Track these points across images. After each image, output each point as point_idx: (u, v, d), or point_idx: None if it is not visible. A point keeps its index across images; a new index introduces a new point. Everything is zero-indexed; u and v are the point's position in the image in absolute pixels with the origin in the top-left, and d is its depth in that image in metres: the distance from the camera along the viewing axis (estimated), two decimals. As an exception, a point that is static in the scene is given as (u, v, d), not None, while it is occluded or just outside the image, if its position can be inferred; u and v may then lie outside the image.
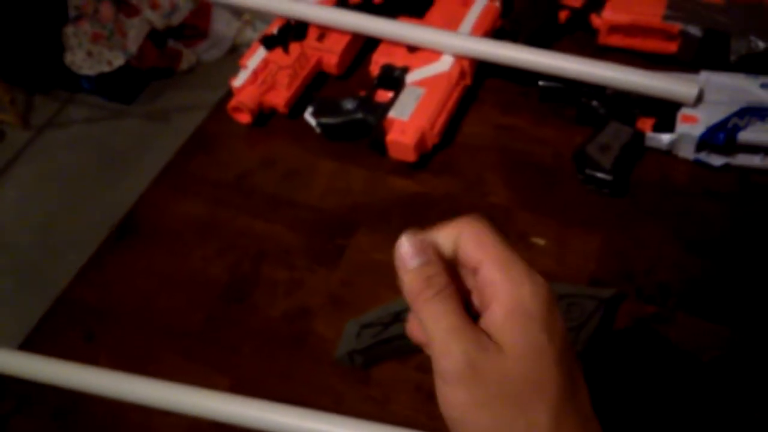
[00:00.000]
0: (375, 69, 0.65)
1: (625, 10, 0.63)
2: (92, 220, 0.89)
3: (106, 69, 1.73)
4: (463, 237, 0.30)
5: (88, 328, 0.54)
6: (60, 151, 1.76)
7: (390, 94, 0.62)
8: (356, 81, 0.67)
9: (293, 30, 0.68)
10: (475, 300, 0.30)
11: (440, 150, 0.60)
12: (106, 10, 1.72)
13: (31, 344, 0.53)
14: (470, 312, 0.29)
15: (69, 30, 1.75)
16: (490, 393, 0.27)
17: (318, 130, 0.62)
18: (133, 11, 1.75)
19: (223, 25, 1.81)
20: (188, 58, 1.83)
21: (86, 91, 1.83)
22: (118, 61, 1.73)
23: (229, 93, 0.66)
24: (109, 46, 1.72)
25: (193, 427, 0.47)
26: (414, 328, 0.31)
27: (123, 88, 1.80)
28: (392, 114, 0.59)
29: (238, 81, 0.65)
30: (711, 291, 0.48)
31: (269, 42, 0.67)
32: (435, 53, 0.63)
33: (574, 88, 0.60)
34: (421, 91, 0.61)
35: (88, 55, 1.74)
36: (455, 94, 0.62)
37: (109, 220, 0.61)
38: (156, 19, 1.76)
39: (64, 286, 0.57)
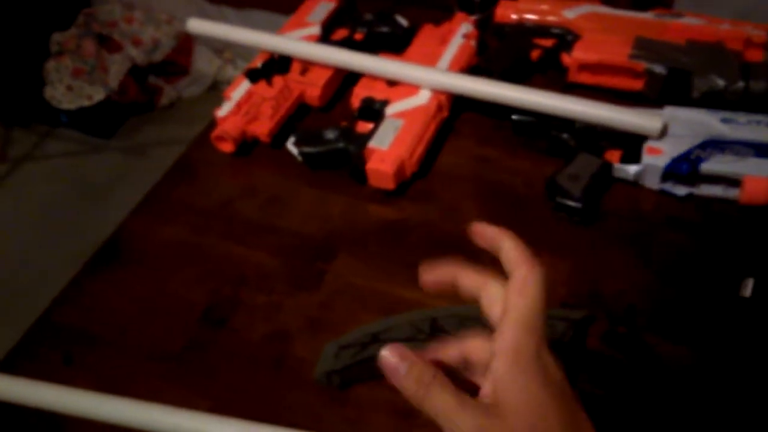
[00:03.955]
0: (356, 101, 0.67)
1: (593, 50, 0.67)
2: (69, 252, 0.89)
3: (86, 103, 1.74)
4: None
5: (67, 352, 0.54)
6: (37, 184, 1.75)
7: (370, 126, 0.64)
8: (338, 113, 0.70)
9: (277, 64, 0.71)
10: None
11: (418, 179, 0.62)
12: (89, 46, 1.74)
13: (9, 367, 0.53)
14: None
15: (50, 65, 1.76)
16: None
17: (300, 159, 0.64)
18: (116, 47, 1.77)
19: (204, 63, 1.84)
20: (169, 94, 1.85)
21: (65, 125, 1.83)
22: (99, 95, 1.74)
23: (213, 124, 0.67)
24: (90, 81, 1.73)
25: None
26: None
27: (102, 122, 1.81)
28: (372, 144, 0.61)
29: (222, 111, 0.67)
30: (674, 313, 0.50)
31: (253, 75, 0.69)
32: (414, 87, 0.66)
33: (545, 122, 0.62)
34: (400, 122, 0.63)
35: (68, 90, 1.75)
36: (433, 126, 0.65)
37: (85, 252, 0.62)
38: (138, 55, 1.78)
39: (42, 310, 0.57)
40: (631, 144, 0.59)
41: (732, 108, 0.60)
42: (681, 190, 0.58)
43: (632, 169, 0.59)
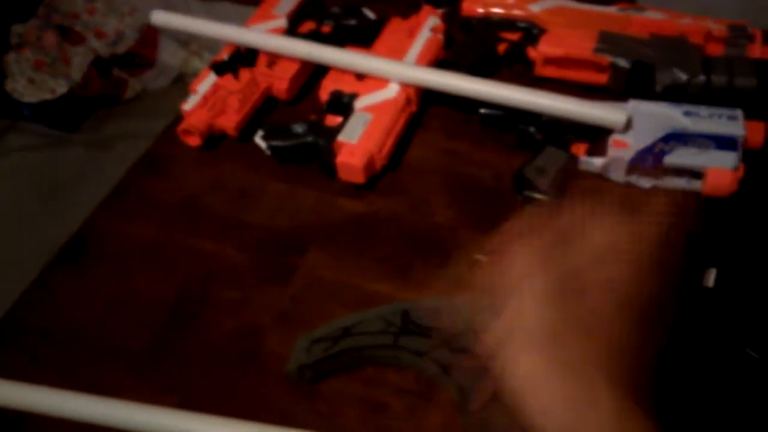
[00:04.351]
0: (324, 95, 0.67)
1: (559, 44, 0.67)
2: (33, 248, 0.87)
3: (48, 97, 1.70)
4: None
5: (33, 350, 0.53)
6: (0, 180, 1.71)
7: (339, 119, 0.64)
8: (306, 106, 0.69)
9: (243, 57, 0.70)
10: None
11: (388, 172, 0.62)
12: (50, 38, 1.70)
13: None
14: None
15: (10, 57, 1.72)
16: None
17: (268, 152, 0.63)
18: (78, 39, 1.73)
19: (169, 55, 1.81)
20: (134, 86, 1.82)
21: (27, 119, 1.79)
22: (62, 88, 1.70)
23: (179, 117, 0.66)
24: (52, 74, 1.69)
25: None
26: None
27: (66, 116, 1.77)
28: (341, 137, 0.61)
29: (189, 105, 0.66)
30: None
31: (219, 68, 0.69)
32: (382, 81, 0.66)
33: (512, 116, 0.63)
34: (369, 116, 0.63)
35: (29, 83, 1.71)
36: (402, 120, 0.65)
37: (49, 248, 0.61)
38: (101, 47, 1.74)
39: (6, 308, 0.56)
40: (597, 137, 0.60)
41: (694, 101, 0.61)
42: (646, 183, 0.59)
43: (598, 161, 0.60)
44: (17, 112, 1.77)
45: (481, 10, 0.72)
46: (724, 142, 0.57)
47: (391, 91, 0.65)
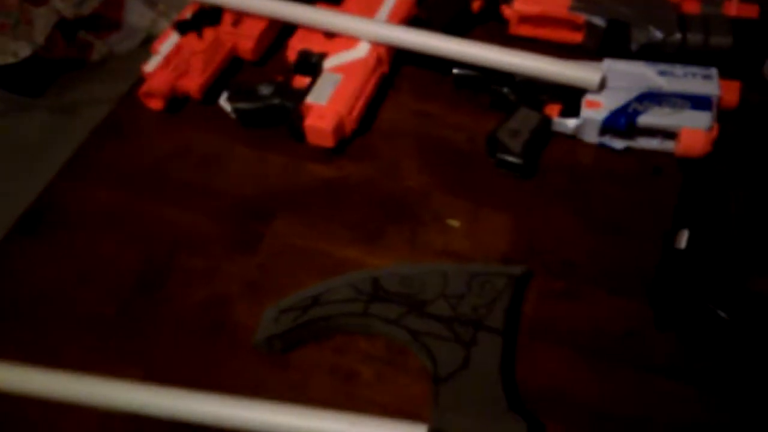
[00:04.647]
0: (292, 55, 0.65)
1: (534, 2, 0.65)
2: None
3: (11, 60, 1.63)
4: None
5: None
6: (-39, 146, 1.65)
7: (307, 80, 0.62)
8: (273, 67, 0.67)
9: (207, 15, 0.67)
10: None
11: (358, 136, 0.61)
12: (10, -2, 1.63)
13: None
14: None
15: (-31, 19, 1.65)
16: None
17: (234, 116, 0.61)
18: (41, 0, 1.67)
19: (136, 16, 1.75)
20: (100, 49, 1.76)
21: (-10, 84, 1.73)
22: (24, 51, 1.64)
23: (141, 80, 0.64)
24: (14, 37, 1.63)
25: (104, 423, 0.45)
26: None
27: (30, 80, 1.71)
28: (310, 99, 0.59)
29: (150, 66, 0.63)
30: (613, 266, 0.51)
31: (183, 27, 0.66)
32: (352, 40, 0.64)
33: (486, 76, 0.61)
34: (338, 77, 0.61)
35: (-10, 46, 1.65)
36: (373, 81, 0.63)
37: (13, 214, 0.59)
38: (65, 8, 1.68)
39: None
40: (571, 98, 0.59)
41: (669, 60, 0.60)
42: (619, 144, 0.58)
43: (571, 123, 0.58)
44: (-21, 76, 1.71)
45: (454, -33, 0.70)
46: (698, 102, 0.56)
47: (362, 50, 0.63)
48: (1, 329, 0.51)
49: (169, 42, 0.65)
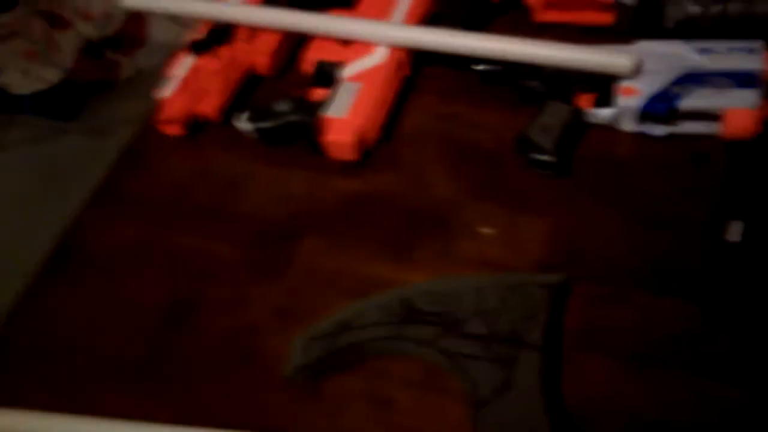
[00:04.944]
0: (309, 67, 0.63)
1: (557, -15, 0.62)
2: (38, 243, 0.85)
3: (42, 86, 1.66)
4: None
5: (24, 369, 0.51)
6: (2, 175, 1.69)
7: (326, 93, 0.59)
8: (291, 80, 0.65)
9: (220, 34, 0.65)
10: None
11: (381, 144, 0.58)
12: (37, 25, 1.66)
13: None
14: None
15: (1, 50, 1.68)
16: None
17: (254, 135, 0.60)
18: (65, 24, 1.69)
19: (160, 31, 1.76)
20: (128, 66, 1.78)
21: (26, 112, 1.76)
22: (55, 76, 1.67)
23: (156, 105, 0.63)
24: (44, 63, 1.66)
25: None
26: None
27: (62, 104, 1.74)
28: (329, 113, 0.57)
29: (166, 92, 0.62)
30: (659, 265, 0.48)
31: (198, 47, 0.64)
32: (369, 45, 0.61)
33: (512, 70, 0.58)
34: (358, 86, 0.59)
35: (23, 74, 1.68)
36: (394, 86, 0.60)
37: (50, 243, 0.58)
38: (89, 30, 1.70)
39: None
40: (604, 86, 0.55)
41: (709, 36, 0.56)
42: (659, 131, 0.54)
43: (606, 113, 0.55)
44: (15, 105, 1.74)
45: (469, -43, 0.67)
46: (744, 80, 0.52)
47: (381, 55, 0.61)
48: (35, 375, 0.50)
49: (183, 65, 0.63)
